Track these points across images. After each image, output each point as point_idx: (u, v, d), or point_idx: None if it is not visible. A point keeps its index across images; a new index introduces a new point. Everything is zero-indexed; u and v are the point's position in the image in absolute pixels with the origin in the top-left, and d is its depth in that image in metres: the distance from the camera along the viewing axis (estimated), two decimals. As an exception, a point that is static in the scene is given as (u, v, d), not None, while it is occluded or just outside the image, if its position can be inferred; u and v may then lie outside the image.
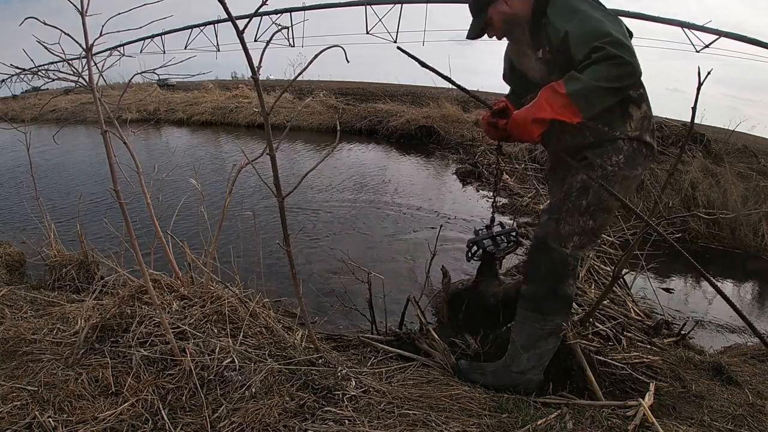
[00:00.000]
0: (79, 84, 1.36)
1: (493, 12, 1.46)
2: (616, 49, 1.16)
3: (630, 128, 1.32)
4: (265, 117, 1.20)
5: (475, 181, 6.09)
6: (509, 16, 1.44)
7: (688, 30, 12.11)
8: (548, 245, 1.38)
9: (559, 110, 1.22)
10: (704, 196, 4.57)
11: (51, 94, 12.00)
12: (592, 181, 1.32)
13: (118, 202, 1.28)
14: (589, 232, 1.38)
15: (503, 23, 1.46)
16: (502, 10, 1.44)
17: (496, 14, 1.45)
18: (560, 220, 1.37)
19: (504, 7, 1.43)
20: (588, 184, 1.33)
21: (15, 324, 1.70)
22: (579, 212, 1.35)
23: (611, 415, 1.28)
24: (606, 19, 1.23)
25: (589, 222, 1.36)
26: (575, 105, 1.21)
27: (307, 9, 14.46)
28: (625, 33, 1.23)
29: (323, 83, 17.07)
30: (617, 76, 1.18)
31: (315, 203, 4.76)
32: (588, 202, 1.34)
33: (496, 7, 1.45)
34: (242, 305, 1.74)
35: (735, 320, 2.83)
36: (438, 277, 2.15)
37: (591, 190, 1.33)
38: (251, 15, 1.18)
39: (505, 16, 1.44)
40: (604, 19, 1.23)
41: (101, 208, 4.17)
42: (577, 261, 1.42)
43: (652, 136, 1.38)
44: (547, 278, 1.39)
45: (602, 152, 1.33)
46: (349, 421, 1.22)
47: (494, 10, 1.45)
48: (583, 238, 1.38)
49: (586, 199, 1.34)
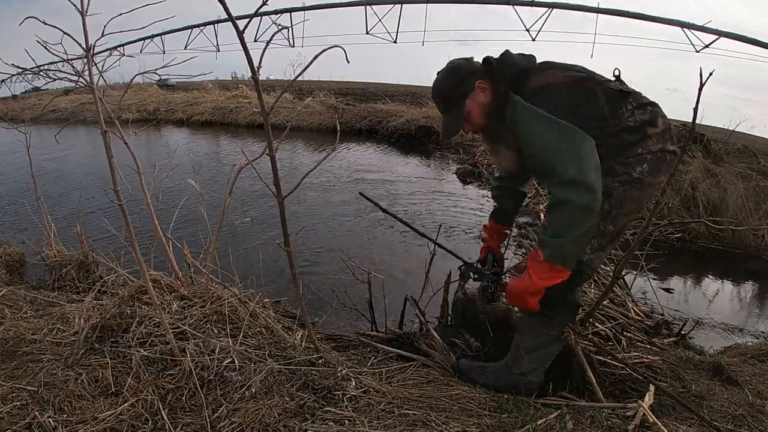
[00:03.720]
0: (79, 84, 1.36)
1: (470, 105, 1.35)
2: (564, 193, 1.15)
3: (652, 143, 1.27)
4: (265, 117, 1.20)
5: (475, 181, 6.10)
6: (488, 106, 1.34)
7: (687, 30, 12.10)
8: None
9: (547, 277, 1.23)
10: (704, 196, 4.57)
11: (51, 94, 12.02)
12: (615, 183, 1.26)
13: (117, 203, 1.28)
14: (608, 235, 1.33)
15: (483, 115, 1.36)
16: (481, 101, 1.34)
17: (475, 106, 1.34)
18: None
19: (482, 97, 1.34)
20: (611, 189, 1.26)
21: (15, 324, 1.71)
22: (601, 215, 1.27)
23: (611, 416, 1.28)
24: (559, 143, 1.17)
25: (609, 226, 1.31)
26: (558, 265, 1.21)
27: (307, 9, 14.45)
28: (578, 155, 1.16)
29: (323, 83, 17.08)
30: (574, 223, 1.17)
31: (315, 203, 4.76)
32: (610, 206, 1.28)
33: (475, 98, 1.34)
34: (242, 305, 1.74)
35: (735, 320, 2.83)
36: (438, 278, 2.15)
37: (614, 194, 1.27)
38: (251, 15, 1.18)
39: (486, 107, 1.34)
40: (556, 144, 1.18)
41: (101, 208, 4.17)
42: (592, 270, 1.37)
43: (674, 142, 1.32)
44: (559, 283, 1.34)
45: (626, 162, 1.28)
46: (349, 421, 1.22)
47: (472, 102, 1.34)
48: (601, 241, 1.33)
49: (609, 201, 1.27)
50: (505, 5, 13.13)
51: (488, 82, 1.34)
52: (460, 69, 1.37)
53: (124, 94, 1.79)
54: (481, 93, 1.34)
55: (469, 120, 1.38)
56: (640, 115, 1.25)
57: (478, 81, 1.34)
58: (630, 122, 1.25)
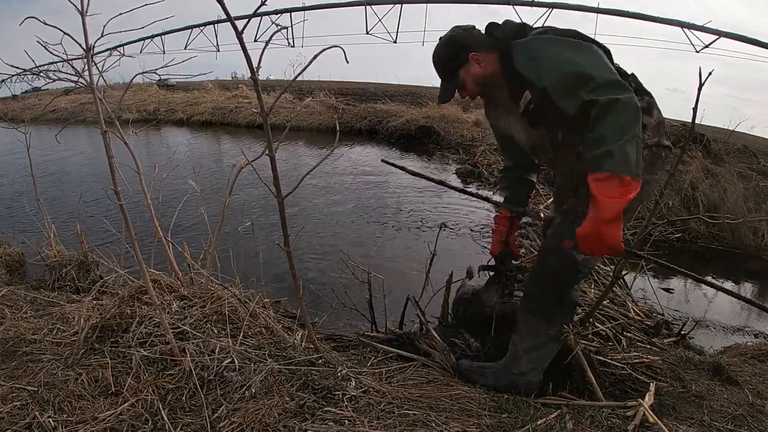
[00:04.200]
0: (79, 84, 1.36)
1: (464, 74, 1.40)
2: (609, 93, 1.08)
3: (648, 136, 1.27)
4: (265, 117, 1.20)
5: (475, 180, 6.10)
6: (482, 78, 1.38)
7: (687, 30, 12.12)
8: (562, 249, 1.32)
9: (619, 193, 1.07)
10: (704, 196, 4.57)
11: (51, 94, 12.03)
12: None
13: (118, 203, 1.28)
14: None
15: (476, 85, 1.40)
16: (474, 72, 1.38)
17: (468, 77, 1.39)
18: (578, 220, 1.28)
19: (476, 68, 1.38)
20: None
21: (15, 324, 1.71)
22: None
23: (611, 415, 1.28)
24: (578, 55, 1.15)
25: None
26: (626, 175, 1.06)
27: (307, 9, 14.47)
28: (603, 62, 1.14)
29: (323, 83, 17.07)
30: (627, 122, 1.07)
31: (315, 204, 4.76)
32: None
33: (468, 69, 1.39)
34: (242, 305, 1.74)
35: (735, 320, 2.83)
36: (438, 278, 2.15)
37: None
38: (251, 15, 1.18)
39: (478, 78, 1.39)
40: (576, 57, 1.15)
41: (101, 208, 4.17)
42: (588, 269, 1.36)
43: (668, 138, 1.33)
44: (556, 282, 1.36)
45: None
46: (349, 421, 1.22)
47: (466, 73, 1.39)
48: None
49: None
50: (506, 5, 13.13)
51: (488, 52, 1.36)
52: (457, 41, 1.39)
53: (124, 94, 1.79)
54: (476, 65, 1.37)
55: (464, 88, 1.43)
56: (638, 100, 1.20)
57: (472, 53, 1.37)
58: None
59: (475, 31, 1.40)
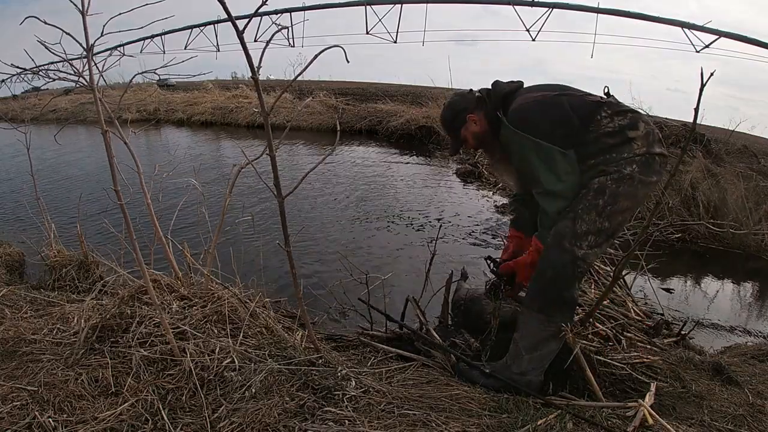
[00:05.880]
0: (79, 84, 1.36)
1: (465, 132, 1.64)
2: (544, 203, 1.44)
3: (636, 147, 1.38)
4: (265, 117, 1.20)
5: (475, 180, 6.10)
6: (480, 135, 1.62)
7: (688, 30, 12.08)
8: (563, 245, 1.38)
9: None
10: (704, 196, 4.56)
11: (51, 94, 12.00)
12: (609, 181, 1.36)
13: (118, 203, 1.28)
14: (604, 233, 1.39)
15: (475, 140, 1.64)
16: (473, 130, 1.63)
17: (468, 134, 1.64)
18: (576, 218, 1.38)
19: (473, 127, 1.62)
20: (605, 186, 1.36)
21: (15, 324, 1.71)
22: (596, 211, 1.37)
23: (611, 416, 1.28)
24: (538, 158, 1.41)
25: (605, 223, 1.38)
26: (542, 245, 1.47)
27: (307, 9, 14.42)
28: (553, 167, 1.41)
29: (323, 83, 17.02)
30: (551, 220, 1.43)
31: (315, 204, 4.76)
32: (604, 202, 1.36)
33: (468, 128, 1.63)
34: (242, 305, 1.74)
35: (735, 320, 2.83)
36: (438, 278, 2.15)
37: (607, 191, 1.36)
38: (251, 15, 1.18)
39: (477, 135, 1.63)
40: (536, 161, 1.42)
41: (101, 208, 4.17)
42: (587, 266, 1.45)
43: (661, 145, 1.41)
44: (556, 278, 1.40)
45: (616, 162, 1.38)
46: (349, 421, 1.22)
47: (466, 131, 1.64)
48: (597, 238, 1.39)
49: (603, 198, 1.36)
50: (506, 5, 13.11)
51: (481, 113, 1.60)
52: (455, 105, 1.66)
53: (124, 94, 1.79)
54: (473, 124, 1.62)
55: (466, 143, 1.68)
56: (619, 120, 1.40)
57: (469, 114, 1.62)
58: (609, 128, 1.39)
59: (471, 94, 1.64)
